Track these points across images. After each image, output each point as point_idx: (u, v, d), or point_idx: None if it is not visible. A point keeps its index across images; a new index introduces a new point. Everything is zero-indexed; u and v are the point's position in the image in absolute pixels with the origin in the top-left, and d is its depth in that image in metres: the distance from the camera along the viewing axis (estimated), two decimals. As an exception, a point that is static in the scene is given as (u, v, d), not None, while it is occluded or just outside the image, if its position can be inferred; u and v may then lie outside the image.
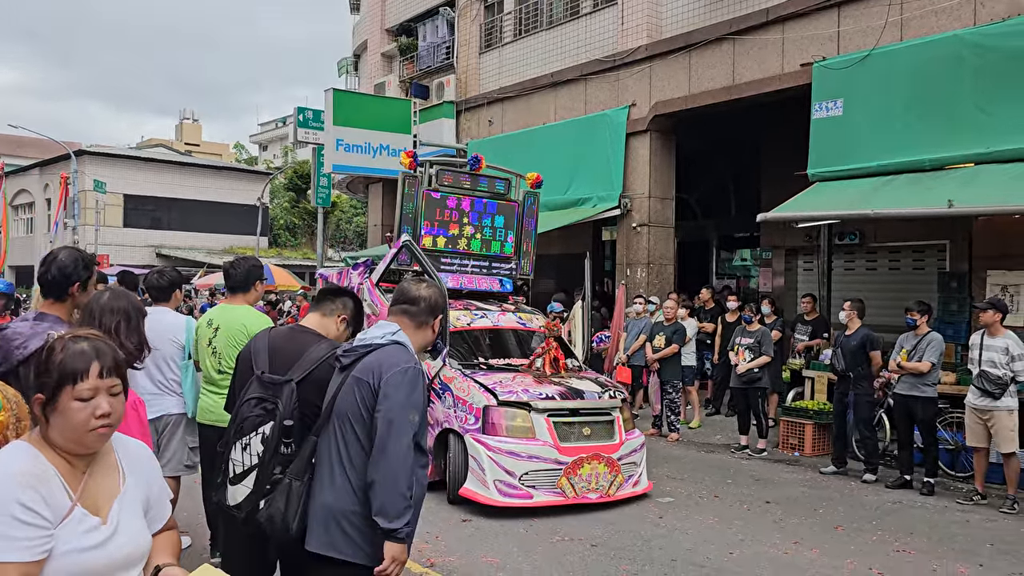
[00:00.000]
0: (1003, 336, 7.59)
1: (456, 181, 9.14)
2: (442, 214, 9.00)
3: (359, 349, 3.00)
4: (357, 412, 2.90)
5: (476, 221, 9.23)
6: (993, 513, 7.36)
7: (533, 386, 7.32)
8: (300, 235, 43.25)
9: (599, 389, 7.62)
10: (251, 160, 60.27)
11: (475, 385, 7.30)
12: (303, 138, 20.09)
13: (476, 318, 8.38)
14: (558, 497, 6.96)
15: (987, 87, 8.88)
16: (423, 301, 3.14)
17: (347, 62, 27.37)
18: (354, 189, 23.44)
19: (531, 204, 9.53)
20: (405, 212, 8.78)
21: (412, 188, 8.79)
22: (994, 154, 8.76)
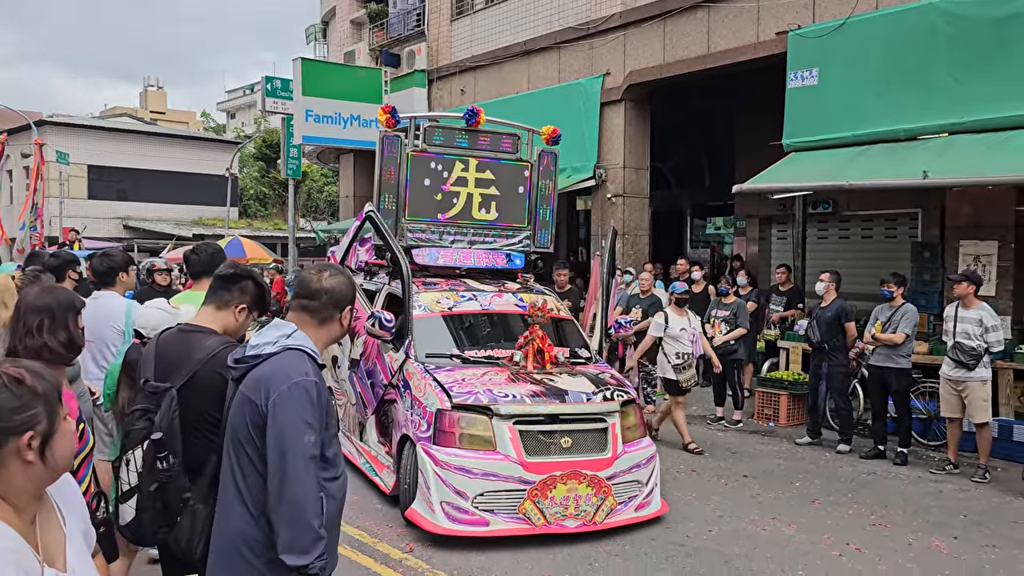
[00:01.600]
0: (977, 308, 7.64)
1: (450, 140, 7.75)
2: (434, 179, 7.67)
3: (248, 359, 2.62)
4: (247, 434, 2.54)
5: (478, 186, 7.88)
6: (965, 483, 7.46)
7: (502, 385, 6.03)
8: (271, 206, 42.67)
9: (591, 389, 6.17)
10: (219, 129, 59.16)
11: (432, 383, 6.06)
12: (272, 108, 19.69)
13: (462, 300, 7.11)
14: (521, 524, 5.66)
15: (961, 57, 8.84)
16: (324, 294, 2.71)
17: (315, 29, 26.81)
18: (325, 159, 23.10)
19: (548, 163, 8.11)
20: (385, 179, 7.50)
21: (393, 150, 7.49)
22: (968, 124, 8.75)
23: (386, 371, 6.71)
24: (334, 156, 21.82)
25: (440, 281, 7.45)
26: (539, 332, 6.55)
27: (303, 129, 15.89)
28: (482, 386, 5.97)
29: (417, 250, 7.65)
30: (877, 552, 5.68)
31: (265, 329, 2.68)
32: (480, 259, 7.85)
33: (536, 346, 6.52)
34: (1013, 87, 8.42)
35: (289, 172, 20.87)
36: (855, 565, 5.45)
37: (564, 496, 5.72)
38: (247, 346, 2.66)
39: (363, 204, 24.81)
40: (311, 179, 39.91)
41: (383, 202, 7.47)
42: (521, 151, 8.02)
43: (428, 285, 7.29)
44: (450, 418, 5.80)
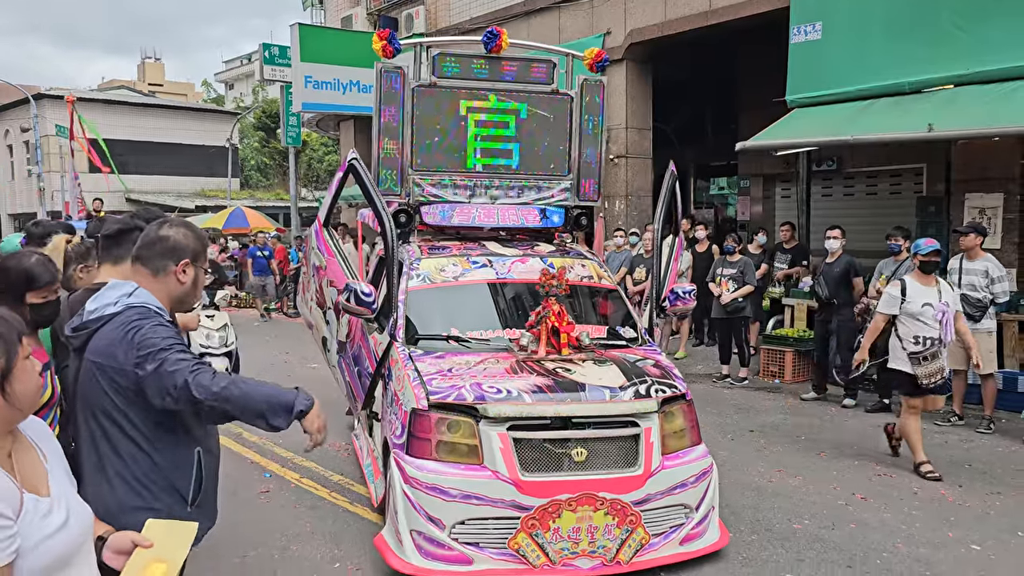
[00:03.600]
0: (982, 259, 7.62)
1: (466, 70, 6.20)
2: (447, 120, 6.18)
3: (89, 324, 2.51)
4: (110, 403, 2.46)
5: (503, 127, 6.34)
6: (970, 434, 7.50)
7: (499, 377, 4.66)
8: (272, 176, 42.54)
9: (619, 382, 4.67)
10: (219, 100, 58.83)
11: (411, 374, 4.78)
12: (270, 76, 19.59)
13: (472, 268, 5.72)
14: (515, 564, 4.37)
15: (966, 5, 8.71)
16: (158, 243, 2.61)
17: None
18: (324, 127, 22.94)
19: (594, 95, 6.46)
20: (385, 122, 6.04)
21: (394, 86, 6.02)
22: (974, 75, 8.64)
23: (371, 357, 5.55)
24: (334, 123, 21.67)
25: (452, 244, 6.08)
26: (554, 307, 5.07)
27: (302, 96, 15.78)
28: (471, 378, 4.64)
29: (426, 207, 6.19)
30: (883, 501, 5.73)
31: (103, 290, 2.60)
32: (507, 216, 6.31)
33: (550, 324, 5.06)
34: (1020, 36, 8.31)
35: (289, 140, 20.79)
36: (861, 514, 5.50)
37: (574, 527, 4.38)
38: (85, 311, 2.56)
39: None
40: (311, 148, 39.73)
41: (385, 150, 6.12)
42: (559, 81, 6.43)
43: (436, 250, 5.94)
44: (425, 420, 4.52)
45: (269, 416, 2.48)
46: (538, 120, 6.35)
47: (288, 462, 6.83)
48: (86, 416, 2.54)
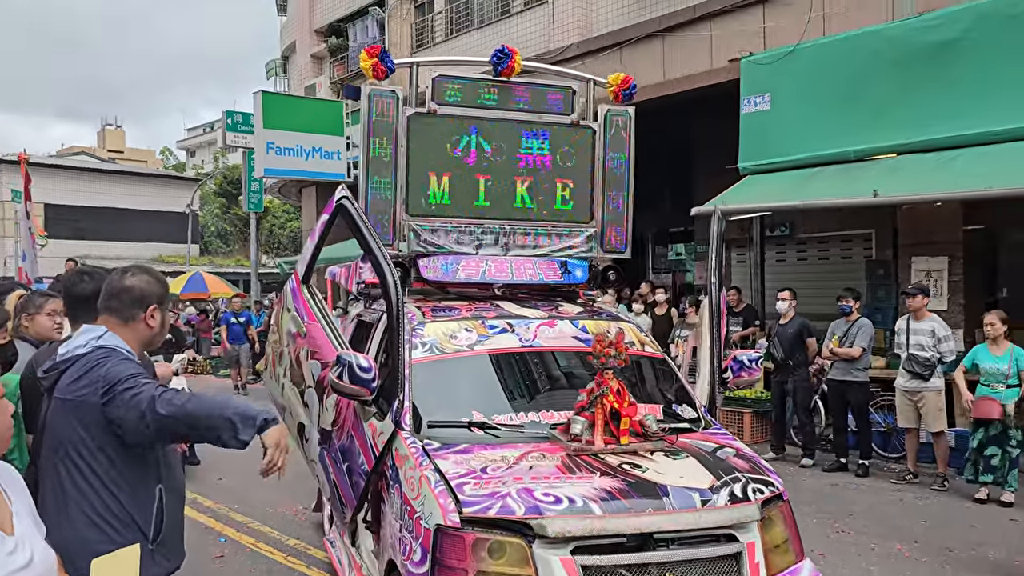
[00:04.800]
0: (928, 319, 7.86)
1: (471, 96, 5.29)
2: (448, 154, 5.24)
3: (59, 365, 2.60)
4: (79, 436, 2.50)
5: (516, 165, 5.37)
6: (925, 491, 7.62)
7: (553, 479, 3.56)
8: (233, 242, 42.37)
9: (707, 482, 3.61)
10: (179, 166, 58.80)
11: (431, 476, 3.61)
12: (233, 142, 19.70)
13: (491, 334, 4.63)
14: None
15: (906, 80, 9.16)
16: (125, 293, 2.70)
17: (276, 64, 26.92)
18: (286, 193, 23.07)
19: (620, 129, 5.59)
20: (376, 155, 5.12)
21: (386, 113, 5.11)
22: (915, 144, 9.05)
23: (367, 452, 4.25)
24: (296, 190, 21.81)
25: (461, 305, 5.01)
26: (612, 383, 3.94)
27: (264, 162, 15.88)
28: (515, 482, 3.50)
29: (425, 260, 5.15)
30: (841, 557, 5.77)
31: (75, 335, 2.70)
32: (522, 271, 5.30)
33: (608, 406, 3.92)
34: (955, 108, 8.74)
35: (251, 206, 20.81)
36: (820, 570, 5.53)
37: None
38: (57, 354, 2.66)
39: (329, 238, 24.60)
40: (273, 214, 39.77)
41: (374, 188, 5.15)
42: (579, 111, 5.51)
43: (441, 311, 4.87)
44: (458, 543, 3.36)
45: (237, 426, 2.48)
46: (556, 156, 5.48)
47: (244, 527, 6.69)
48: (49, 453, 2.58)
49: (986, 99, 8.56)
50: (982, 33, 8.62)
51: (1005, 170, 7.92)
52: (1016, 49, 8.34)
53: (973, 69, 8.66)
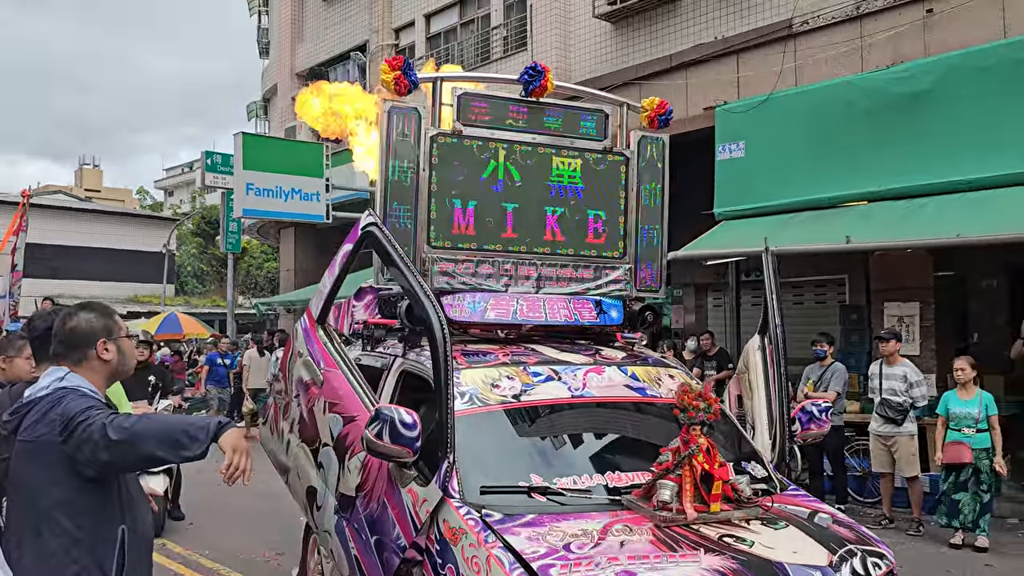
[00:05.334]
0: (901, 364, 7.95)
1: (499, 115, 4.86)
2: (474, 179, 4.78)
3: (21, 408, 2.60)
4: (36, 479, 2.51)
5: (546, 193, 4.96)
6: (901, 536, 7.63)
7: (654, 558, 3.08)
8: (209, 282, 42.12)
9: (823, 556, 3.22)
10: (156, 206, 58.60)
11: (503, 558, 3.07)
12: (211, 183, 19.69)
13: (536, 382, 4.07)
14: None
15: (877, 129, 9.39)
16: (69, 336, 2.69)
17: (257, 106, 27.07)
18: (265, 234, 23.04)
19: (654, 157, 5.26)
20: (395, 178, 4.60)
21: (407, 132, 4.63)
22: (886, 192, 9.25)
23: (405, 523, 3.60)
24: (275, 231, 21.79)
25: (495, 349, 4.47)
26: (701, 441, 3.47)
27: (243, 202, 15.85)
28: (612, 563, 3.00)
29: (449, 297, 4.55)
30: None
31: (40, 379, 2.73)
32: (556, 311, 4.78)
33: (698, 469, 3.44)
34: (925, 157, 8.96)
35: (228, 246, 20.74)
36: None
37: None
38: (23, 398, 2.67)
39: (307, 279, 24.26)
40: (250, 255, 39.63)
41: (394, 216, 4.63)
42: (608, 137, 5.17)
43: (474, 356, 4.29)
44: None
45: (191, 435, 2.46)
46: (588, 184, 5.05)
47: (213, 573, 6.57)
48: (12, 495, 2.58)
49: (954, 149, 8.78)
50: (951, 85, 8.87)
51: (974, 218, 8.10)
52: (983, 101, 8.58)
53: (942, 120, 8.89)
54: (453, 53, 16.29)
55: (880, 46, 9.83)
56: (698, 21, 11.98)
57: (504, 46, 15.12)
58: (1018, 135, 8.34)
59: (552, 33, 13.82)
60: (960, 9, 9.14)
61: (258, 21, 24.32)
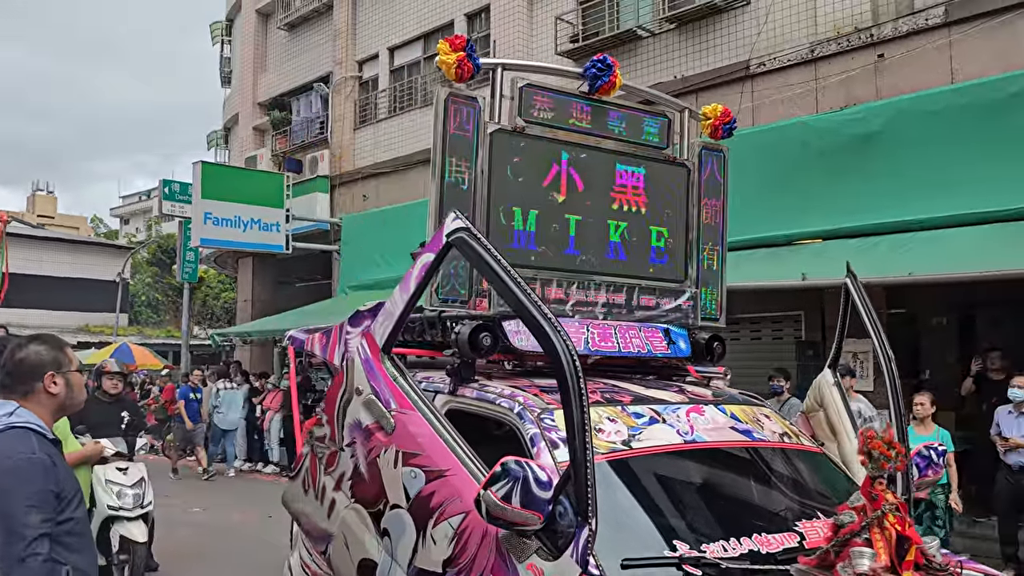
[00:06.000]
0: (855, 400, 8.03)
1: (563, 114, 4.25)
2: (535, 184, 4.14)
3: None
4: None
5: (610, 205, 4.34)
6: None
7: None
8: (164, 312, 41.37)
9: None
10: (112, 234, 57.62)
11: None
12: (169, 211, 19.47)
13: (639, 424, 3.46)
14: None
15: (831, 169, 9.61)
16: (16, 368, 2.64)
17: (217, 135, 26.88)
18: (222, 264, 22.74)
19: (715, 171, 4.79)
20: (452, 180, 3.89)
21: (465, 126, 3.97)
22: (840, 230, 9.45)
23: None
24: (233, 261, 21.52)
25: (596, 384, 3.81)
26: (889, 498, 2.94)
27: (201, 232, 15.68)
28: None
29: (513, 322, 3.83)
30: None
31: None
32: (629, 341, 4.17)
33: (892, 531, 2.92)
34: (876, 196, 9.17)
35: (185, 276, 20.44)
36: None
37: None
38: None
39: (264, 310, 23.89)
40: (207, 285, 39.05)
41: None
42: (670, 145, 4.63)
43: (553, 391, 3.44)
44: None
45: None
46: (651, 198, 4.44)
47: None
48: None
49: (904, 189, 9.01)
50: (902, 127, 9.12)
51: (925, 257, 8.28)
52: (932, 144, 8.83)
53: (893, 161, 9.13)
54: (416, 87, 16.38)
55: (833, 88, 10.09)
56: (658, 61, 12.20)
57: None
58: (965, 177, 8.59)
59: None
60: (910, 55, 9.44)
61: (221, 50, 24.23)
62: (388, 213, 16.09)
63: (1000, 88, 8.62)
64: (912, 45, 9.47)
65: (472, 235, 3.17)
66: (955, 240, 8.39)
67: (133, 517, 6.61)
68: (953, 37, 9.18)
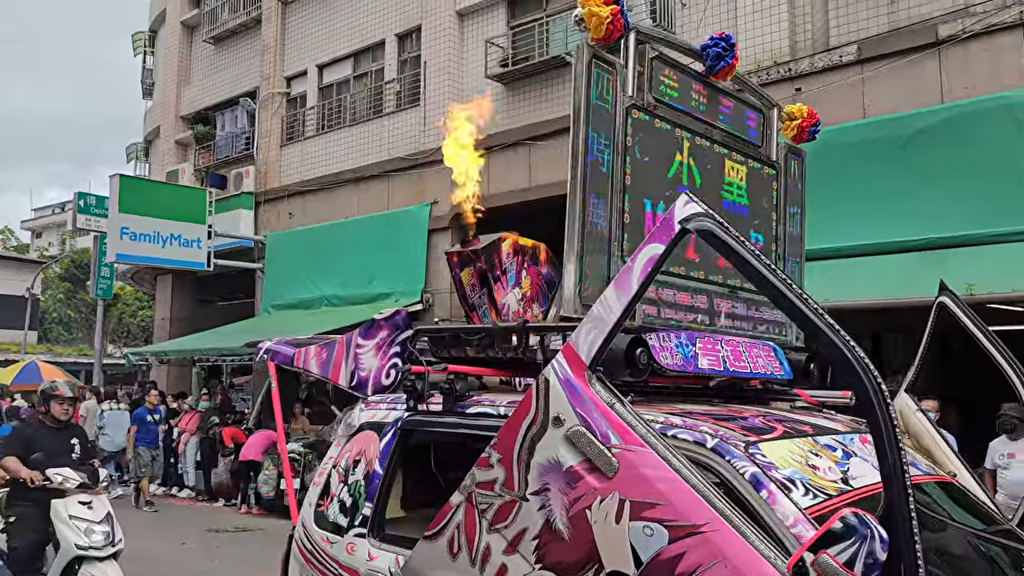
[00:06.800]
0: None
1: (686, 95, 3.68)
2: (661, 174, 3.56)
3: None
4: None
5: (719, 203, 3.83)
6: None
7: None
8: (76, 330, 39.82)
9: None
10: (22, 248, 55.29)
11: None
12: (84, 225, 18.83)
13: (840, 459, 2.91)
14: None
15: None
16: None
17: (137, 148, 26.14)
18: (139, 280, 22.05)
19: (797, 176, 4.39)
20: (594, 158, 3.27)
21: (605, 95, 3.30)
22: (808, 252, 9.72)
23: None
24: (151, 277, 20.89)
25: (744, 411, 3.23)
26: None
27: (117, 247, 15.17)
28: None
29: (654, 336, 3.10)
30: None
31: None
32: (757, 360, 3.57)
33: None
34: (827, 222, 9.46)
35: (99, 292, 19.76)
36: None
37: None
38: None
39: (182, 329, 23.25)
40: (123, 302, 37.81)
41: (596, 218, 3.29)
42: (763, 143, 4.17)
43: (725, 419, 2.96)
44: None
45: None
46: (751, 201, 3.96)
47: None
48: None
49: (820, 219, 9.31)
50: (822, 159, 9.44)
51: (836, 284, 8.57)
52: (850, 175, 9.16)
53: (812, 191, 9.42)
54: (345, 105, 16.26)
55: (755, 119, 10.41)
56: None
57: (397, 101, 15.19)
58: (877, 208, 8.95)
59: (445, 90, 14.01)
60: (826, 89, 9.81)
61: (143, 61, 23.62)
62: (315, 232, 15.88)
63: (909, 124, 9.04)
64: (827, 80, 9.85)
65: (716, 222, 2.54)
66: (862, 268, 8.72)
67: (104, 557, 6.05)
68: (866, 74, 9.59)
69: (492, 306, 4.04)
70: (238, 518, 12.45)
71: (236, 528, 11.55)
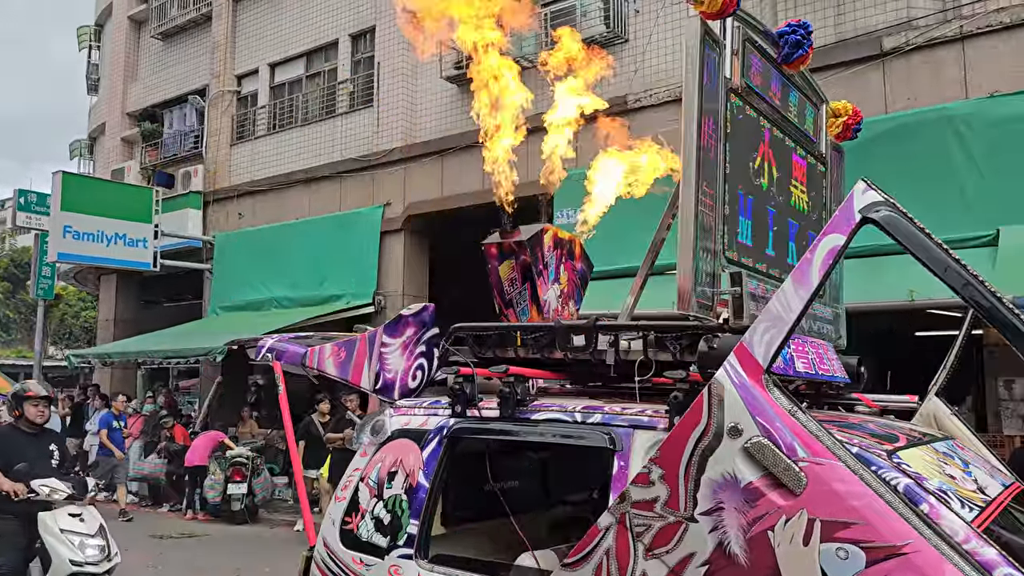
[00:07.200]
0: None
1: (766, 81, 3.44)
2: (745, 161, 3.27)
3: None
4: None
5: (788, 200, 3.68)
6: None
7: None
8: (16, 331, 38.70)
9: None
10: (-42, 246, 53.58)
11: None
12: (24, 223, 18.31)
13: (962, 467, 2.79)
14: None
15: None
16: None
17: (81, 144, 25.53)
18: (83, 280, 21.51)
19: (840, 174, 4.30)
20: (704, 146, 2.94)
21: (711, 80, 3.02)
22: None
23: None
24: (94, 277, 20.39)
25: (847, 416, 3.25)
26: None
27: (59, 246, 14.78)
28: None
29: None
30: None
31: None
32: (833, 364, 3.41)
33: None
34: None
35: (40, 293, 19.22)
36: None
37: None
38: None
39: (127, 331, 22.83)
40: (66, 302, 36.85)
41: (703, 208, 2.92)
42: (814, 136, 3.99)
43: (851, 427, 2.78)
44: None
45: None
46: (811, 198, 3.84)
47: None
48: None
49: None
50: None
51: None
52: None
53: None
54: (296, 105, 16.09)
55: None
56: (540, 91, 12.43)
57: (351, 101, 15.07)
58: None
59: (399, 91, 13.95)
60: (775, 98, 9.99)
61: (88, 56, 23.06)
62: (265, 232, 15.67)
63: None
64: (777, 89, 10.03)
65: (901, 211, 2.31)
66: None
67: (101, 573, 5.74)
68: (813, 84, 9.79)
69: (534, 303, 3.77)
70: (183, 524, 12.20)
71: (181, 534, 11.32)
